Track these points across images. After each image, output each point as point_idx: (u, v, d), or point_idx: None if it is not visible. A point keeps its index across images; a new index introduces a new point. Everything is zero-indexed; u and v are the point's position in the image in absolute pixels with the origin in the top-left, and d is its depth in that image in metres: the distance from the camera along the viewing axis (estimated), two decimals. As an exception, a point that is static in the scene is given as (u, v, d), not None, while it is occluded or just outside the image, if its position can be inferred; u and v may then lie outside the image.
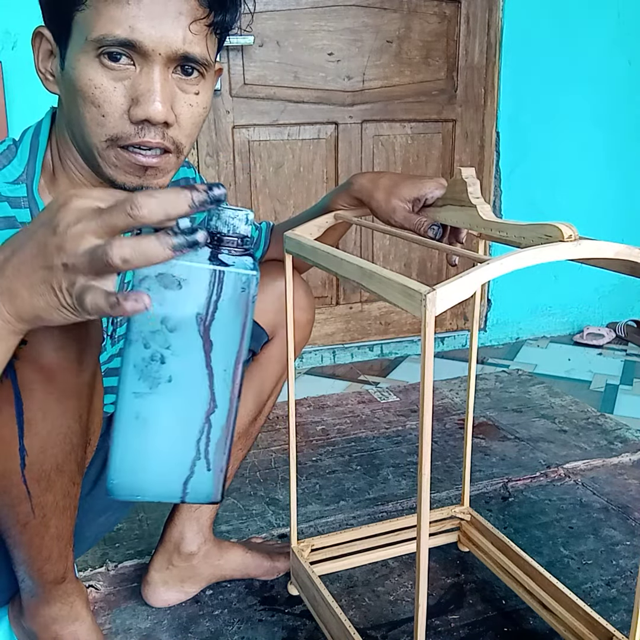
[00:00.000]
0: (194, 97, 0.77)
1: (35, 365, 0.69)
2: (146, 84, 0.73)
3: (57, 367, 0.70)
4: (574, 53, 2.38)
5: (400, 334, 2.48)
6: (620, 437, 1.76)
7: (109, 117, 0.74)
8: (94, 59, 0.72)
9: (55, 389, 0.71)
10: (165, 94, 0.74)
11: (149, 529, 1.35)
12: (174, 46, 0.73)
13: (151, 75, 0.73)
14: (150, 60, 0.73)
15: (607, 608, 1.14)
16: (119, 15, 0.71)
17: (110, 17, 0.71)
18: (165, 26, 0.72)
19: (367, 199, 0.99)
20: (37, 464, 0.74)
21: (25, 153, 0.81)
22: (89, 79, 0.73)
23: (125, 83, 0.73)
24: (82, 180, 0.82)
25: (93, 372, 0.75)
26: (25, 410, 0.70)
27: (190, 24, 0.73)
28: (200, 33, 0.75)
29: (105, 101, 0.73)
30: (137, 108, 0.73)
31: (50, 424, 0.73)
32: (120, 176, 0.78)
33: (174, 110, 0.76)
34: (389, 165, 2.33)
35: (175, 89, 0.76)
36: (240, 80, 2.10)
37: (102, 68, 0.73)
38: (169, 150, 0.77)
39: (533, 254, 0.69)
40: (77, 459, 0.78)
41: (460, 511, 1.27)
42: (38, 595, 0.87)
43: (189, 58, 0.75)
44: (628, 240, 0.85)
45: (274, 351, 1.10)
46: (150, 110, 0.73)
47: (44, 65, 0.79)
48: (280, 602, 1.16)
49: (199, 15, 0.74)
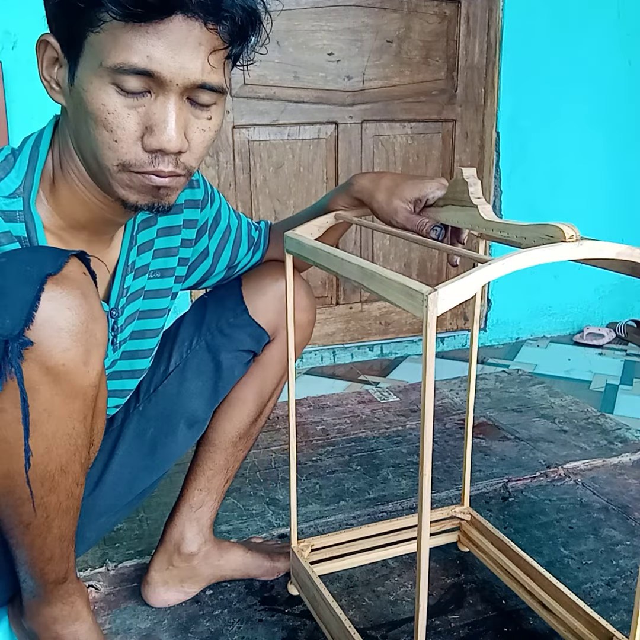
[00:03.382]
0: (206, 122, 0.77)
1: (42, 367, 0.69)
2: (161, 114, 0.72)
3: (63, 368, 0.70)
4: (574, 53, 2.38)
5: (400, 334, 2.48)
6: (620, 437, 1.76)
7: (121, 142, 0.73)
8: (109, 84, 0.71)
9: (61, 390, 0.71)
10: (180, 123, 0.73)
11: (149, 529, 1.35)
12: (192, 77, 0.72)
13: (167, 105, 0.72)
14: (167, 89, 0.72)
15: (607, 608, 1.14)
16: (137, 44, 0.69)
17: (127, 45, 0.69)
18: (184, 57, 0.70)
19: (368, 199, 0.99)
20: (42, 464, 0.74)
21: (24, 165, 0.80)
22: (102, 104, 0.71)
23: (139, 110, 0.72)
24: (85, 192, 0.81)
25: (98, 373, 0.75)
26: (31, 411, 0.70)
27: (209, 55, 0.72)
28: (218, 64, 0.74)
29: (118, 127, 0.72)
30: (152, 138, 0.72)
31: (56, 425, 0.73)
32: (132, 196, 0.77)
33: (187, 136, 0.75)
34: (389, 165, 2.33)
35: (189, 116, 0.75)
36: (240, 80, 2.10)
37: (117, 95, 0.71)
38: (180, 175, 0.77)
39: (535, 255, 0.69)
40: (81, 460, 0.78)
41: (460, 511, 1.27)
42: (39, 595, 0.87)
43: (206, 87, 0.74)
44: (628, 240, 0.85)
45: (275, 352, 1.10)
46: (165, 142, 0.72)
47: (48, 72, 0.77)
48: (280, 602, 1.16)
49: (218, 46, 0.73)
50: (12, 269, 0.69)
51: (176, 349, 1.06)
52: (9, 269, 0.69)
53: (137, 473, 1.03)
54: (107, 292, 0.90)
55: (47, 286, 0.68)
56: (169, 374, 1.05)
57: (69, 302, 0.69)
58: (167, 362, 1.05)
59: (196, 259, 1.05)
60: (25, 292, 0.68)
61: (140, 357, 0.99)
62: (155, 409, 1.04)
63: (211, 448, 1.11)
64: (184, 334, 1.07)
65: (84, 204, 0.82)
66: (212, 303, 1.09)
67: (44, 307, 0.67)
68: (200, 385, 1.05)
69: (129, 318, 0.94)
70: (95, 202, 0.81)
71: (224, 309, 1.07)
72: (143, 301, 0.97)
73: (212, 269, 1.08)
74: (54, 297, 0.68)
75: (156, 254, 0.97)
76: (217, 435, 1.11)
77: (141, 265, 0.95)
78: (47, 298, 0.68)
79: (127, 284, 0.92)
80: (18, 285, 0.68)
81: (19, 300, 0.67)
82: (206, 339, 1.06)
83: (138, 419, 1.03)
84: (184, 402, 1.05)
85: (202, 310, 1.08)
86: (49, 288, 0.68)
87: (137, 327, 0.97)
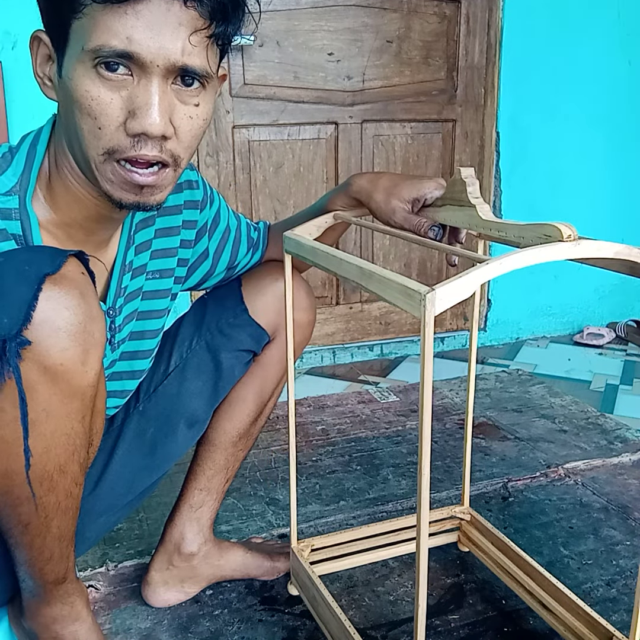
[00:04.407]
0: (193, 109, 0.75)
1: (40, 366, 0.69)
2: (144, 97, 0.71)
3: (61, 368, 0.70)
4: (574, 53, 2.38)
5: (400, 334, 2.48)
6: (620, 437, 1.76)
7: (105, 129, 0.72)
8: (91, 69, 0.71)
9: (59, 390, 0.71)
10: (163, 106, 0.72)
11: (149, 529, 1.35)
12: (172, 58, 0.71)
13: (149, 88, 0.71)
14: (148, 71, 0.71)
15: (607, 608, 1.14)
16: (117, 25, 0.69)
17: (107, 27, 0.69)
18: (164, 37, 0.70)
19: (366, 199, 0.99)
20: (41, 464, 0.74)
21: (21, 163, 0.80)
22: (85, 90, 0.71)
23: (122, 94, 0.71)
24: (79, 189, 0.81)
25: (97, 373, 0.75)
26: (29, 411, 0.70)
27: (190, 35, 0.71)
28: (200, 44, 0.72)
29: (101, 113, 0.72)
30: (134, 121, 0.71)
31: (54, 425, 0.73)
32: (116, 192, 0.77)
33: (173, 122, 0.74)
34: (389, 165, 2.33)
35: (174, 101, 0.74)
36: (240, 80, 2.10)
37: (99, 79, 0.71)
38: (166, 164, 0.76)
39: (532, 254, 0.69)
40: (80, 460, 0.78)
41: (460, 511, 1.27)
42: (38, 595, 0.87)
43: (189, 70, 0.72)
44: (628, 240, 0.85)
45: (275, 352, 1.10)
46: (147, 124, 0.71)
47: (41, 69, 0.77)
48: (280, 602, 1.16)
49: (199, 26, 0.72)
50: (10, 268, 0.69)
51: (176, 349, 1.06)
52: (7, 268, 0.69)
53: (137, 473, 1.03)
54: (105, 292, 0.90)
55: (45, 286, 0.68)
56: (169, 373, 1.05)
57: (67, 301, 0.69)
58: (167, 362, 1.06)
59: (196, 260, 1.05)
60: (23, 291, 0.68)
61: (140, 358, 0.99)
62: (155, 409, 1.04)
63: (211, 448, 1.11)
64: (184, 334, 1.07)
65: (78, 201, 0.81)
66: (212, 303, 1.09)
67: (41, 307, 0.68)
68: (200, 385, 1.05)
69: (126, 318, 0.94)
70: (90, 198, 0.81)
71: (224, 309, 1.07)
72: (142, 302, 0.97)
73: (212, 270, 1.08)
74: (52, 296, 0.68)
75: (154, 254, 0.97)
76: (217, 435, 1.11)
77: (139, 265, 0.94)
78: (45, 298, 0.68)
79: (124, 283, 0.92)
80: (16, 285, 0.68)
81: (17, 300, 0.67)
82: (206, 339, 1.06)
83: (138, 418, 1.03)
84: (184, 402, 1.05)
85: (202, 310, 1.08)
86: (47, 288, 0.68)
87: (136, 327, 0.97)
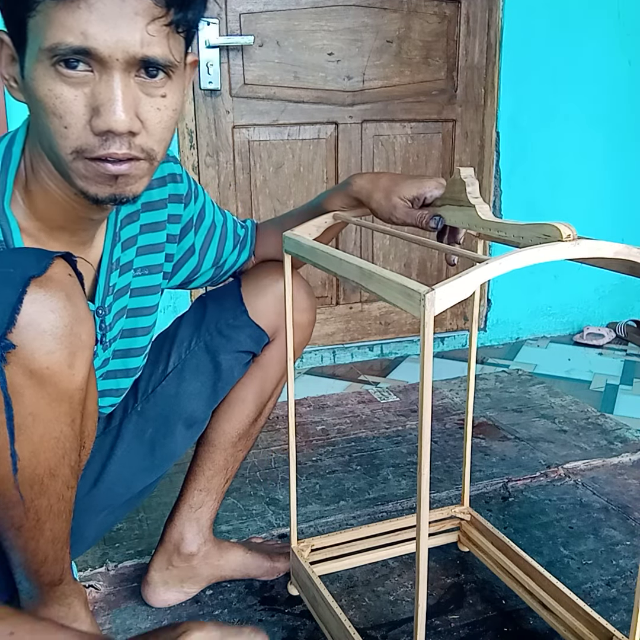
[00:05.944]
0: (160, 100, 0.72)
1: (25, 370, 0.68)
2: (106, 93, 0.69)
3: (47, 371, 0.69)
4: (574, 53, 2.38)
5: (400, 334, 2.48)
6: (620, 437, 1.76)
7: (71, 128, 0.70)
8: (50, 67, 0.68)
9: (46, 394, 0.70)
10: (128, 101, 0.69)
11: (149, 529, 1.35)
12: (131, 50, 0.68)
13: (110, 83, 0.69)
14: (108, 66, 0.68)
15: (607, 608, 1.14)
16: (70, 21, 0.66)
17: (61, 24, 0.66)
18: (120, 29, 0.67)
19: (366, 199, 0.99)
20: (30, 468, 0.73)
21: None
22: (48, 89, 0.69)
23: (85, 91, 0.69)
24: (56, 191, 0.79)
25: (85, 376, 0.74)
26: (15, 415, 0.69)
27: (147, 25, 0.68)
28: (159, 33, 0.69)
29: (66, 112, 0.69)
30: (98, 119, 0.69)
31: (42, 429, 0.72)
32: (91, 187, 0.74)
33: (140, 116, 0.71)
34: (389, 165, 2.33)
35: (139, 94, 0.71)
36: (240, 80, 2.10)
37: (60, 77, 0.68)
38: (138, 159, 0.74)
39: (531, 254, 0.69)
40: (71, 463, 0.77)
41: (460, 511, 1.27)
42: (36, 597, 0.87)
43: (150, 61, 0.70)
44: (628, 240, 0.85)
45: (275, 352, 1.10)
46: (112, 121, 0.69)
47: (7, 71, 0.75)
48: (280, 602, 1.16)
49: (156, 14, 0.68)
50: None
51: (175, 349, 1.06)
52: None
53: (135, 473, 1.03)
54: (93, 291, 0.89)
55: (30, 289, 0.67)
56: (167, 374, 1.05)
57: (53, 304, 0.68)
58: (166, 362, 1.05)
59: (182, 256, 1.05)
60: (8, 294, 0.67)
61: (133, 356, 0.99)
62: (154, 410, 1.04)
63: (211, 448, 1.11)
64: (183, 334, 1.07)
65: (56, 203, 0.80)
66: (212, 304, 1.09)
67: (26, 310, 0.67)
68: (199, 386, 1.05)
69: (116, 315, 0.93)
70: (68, 200, 0.79)
71: (223, 309, 1.07)
72: (131, 299, 0.96)
73: (198, 267, 1.08)
74: (37, 299, 0.67)
75: (140, 250, 0.96)
76: (217, 436, 1.10)
77: (126, 262, 0.93)
78: (29, 301, 0.67)
79: (112, 281, 0.91)
80: (0, 288, 0.67)
81: (1, 304, 0.66)
82: (205, 339, 1.05)
83: (136, 419, 1.03)
84: (183, 403, 1.04)
85: (201, 311, 1.08)
86: (32, 290, 0.67)
87: (127, 325, 0.97)
